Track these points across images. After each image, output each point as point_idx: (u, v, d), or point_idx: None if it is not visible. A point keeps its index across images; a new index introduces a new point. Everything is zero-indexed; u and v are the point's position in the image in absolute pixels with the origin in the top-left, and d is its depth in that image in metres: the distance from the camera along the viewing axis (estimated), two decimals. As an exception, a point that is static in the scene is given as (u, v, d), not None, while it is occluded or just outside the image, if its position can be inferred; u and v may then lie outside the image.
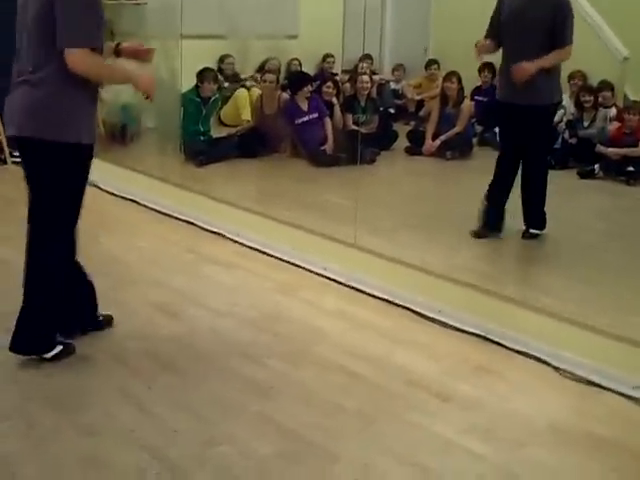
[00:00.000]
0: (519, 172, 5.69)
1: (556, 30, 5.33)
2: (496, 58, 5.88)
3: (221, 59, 9.91)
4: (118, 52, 4.16)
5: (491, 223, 5.78)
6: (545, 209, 5.73)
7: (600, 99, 8.47)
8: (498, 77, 5.93)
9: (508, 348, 4.28)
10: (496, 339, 4.35)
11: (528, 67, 5.29)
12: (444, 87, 8.77)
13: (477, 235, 5.76)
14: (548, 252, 5.65)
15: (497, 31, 5.57)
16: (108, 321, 4.37)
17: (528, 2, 5.41)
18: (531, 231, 5.74)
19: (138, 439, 3.33)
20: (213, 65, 9.52)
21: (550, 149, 5.79)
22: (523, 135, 5.55)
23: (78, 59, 3.60)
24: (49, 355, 3.93)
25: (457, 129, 8.53)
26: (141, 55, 4.18)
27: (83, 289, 4.19)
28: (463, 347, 4.33)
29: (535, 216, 5.74)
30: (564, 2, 5.38)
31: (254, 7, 9.38)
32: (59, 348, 3.96)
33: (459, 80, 8.70)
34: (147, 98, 3.98)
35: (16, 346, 3.90)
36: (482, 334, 4.41)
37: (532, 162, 5.66)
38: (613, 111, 8.48)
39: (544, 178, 5.69)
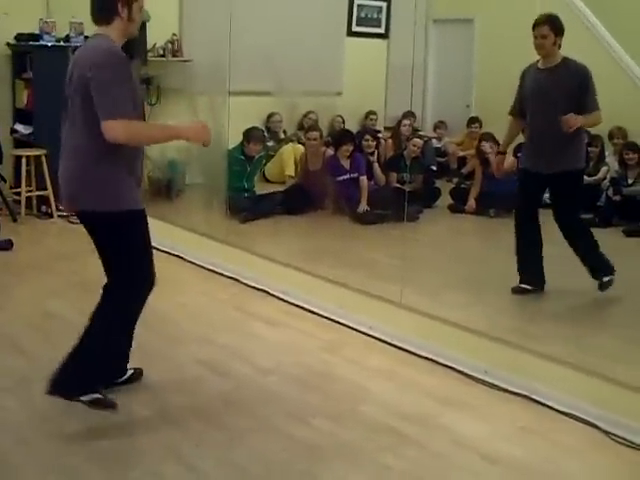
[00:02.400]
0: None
1: (581, 99, 5.46)
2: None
3: (268, 117, 10.07)
4: None
5: (527, 278, 5.81)
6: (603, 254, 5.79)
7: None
8: (523, 148, 6.01)
9: (555, 409, 4.24)
10: (542, 400, 4.32)
11: (575, 120, 5.38)
12: (480, 148, 8.83)
13: (514, 291, 5.81)
14: (595, 312, 5.63)
15: (521, 107, 5.76)
16: (139, 374, 4.41)
17: (549, 75, 5.58)
18: (604, 280, 5.75)
19: (186, 497, 3.36)
20: (260, 123, 9.67)
21: (581, 208, 5.85)
22: (555, 200, 5.74)
23: (118, 130, 3.68)
24: (86, 398, 3.88)
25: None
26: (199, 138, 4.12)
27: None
28: (508, 408, 4.30)
29: (597, 264, 5.77)
30: (584, 71, 5.52)
31: (300, 64, 9.53)
32: (97, 396, 3.92)
33: (494, 140, 8.74)
34: (204, 145, 4.03)
35: (54, 387, 3.85)
36: (527, 394, 4.38)
37: (569, 225, 5.74)
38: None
39: (586, 230, 5.81)
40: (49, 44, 8.09)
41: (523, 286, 5.82)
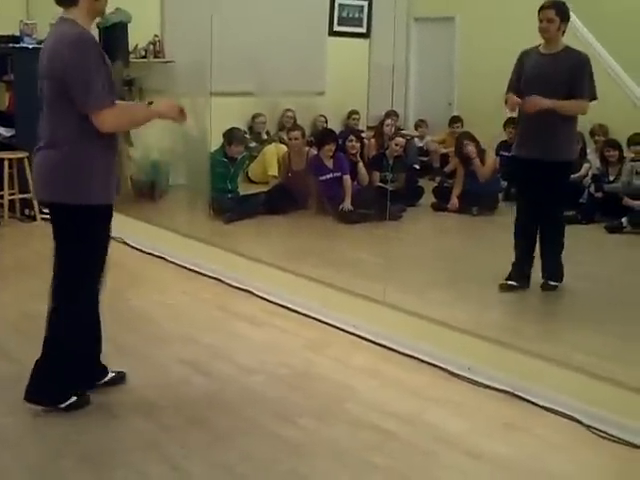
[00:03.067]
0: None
1: (575, 84, 5.45)
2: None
3: (253, 117, 10.07)
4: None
5: (518, 275, 5.84)
6: (563, 262, 5.80)
7: (632, 154, 8.45)
8: (516, 134, 5.97)
9: (538, 405, 4.26)
10: (526, 396, 4.33)
11: (540, 101, 5.38)
12: (460, 148, 8.87)
13: (502, 288, 5.84)
14: (577, 308, 5.64)
15: (516, 88, 5.69)
16: (121, 378, 4.40)
17: (551, 61, 5.55)
18: (550, 283, 5.78)
19: (171, 498, 3.36)
20: (244, 123, 9.66)
21: (565, 203, 5.84)
22: (540, 190, 5.64)
23: (108, 119, 3.73)
24: (63, 405, 3.99)
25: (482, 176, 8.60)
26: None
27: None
28: (492, 404, 4.32)
29: (553, 268, 5.79)
30: (583, 58, 5.52)
31: (283, 64, 9.52)
32: (73, 399, 4.02)
33: (473, 139, 8.79)
34: (178, 120, 4.04)
35: (30, 395, 3.97)
36: (511, 391, 4.39)
37: (548, 216, 5.75)
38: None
39: (561, 232, 5.78)
40: (30, 46, 8.06)
41: (510, 283, 5.84)
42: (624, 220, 7.83)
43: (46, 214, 7.51)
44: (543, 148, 5.54)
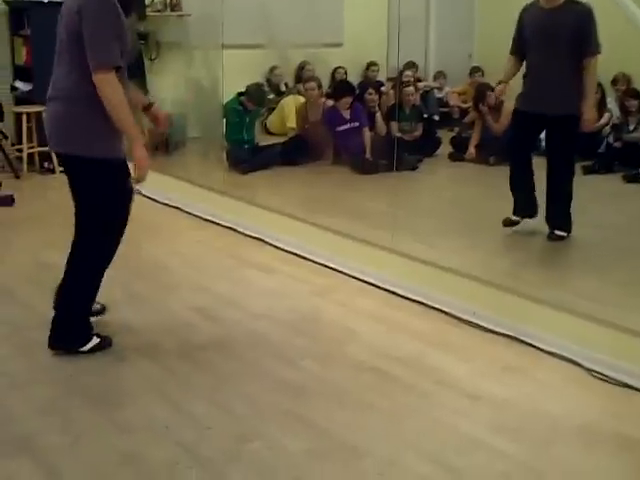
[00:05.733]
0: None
1: (583, 40, 5.38)
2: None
3: (271, 70, 10.05)
4: (146, 109, 4.37)
5: (519, 208, 5.90)
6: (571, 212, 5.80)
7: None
8: (522, 89, 5.88)
9: (539, 349, 4.30)
10: (527, 340, 4.37)
11: (590, 117, 5.47)
12: (477, 99, 8.83)
13: (505, 223, 5.91)
14: (586, 256, 5.64)
15: (520, 46, 5.69)
16: (102, 309, 4.53)
17: (550, 15, 5.49)
18: (557, 233, 5.78)
19: (173, 435, 3.43)
20: (260, 76, 9.65)
21: (572, 156, 5.79)
22: (548, 143, 5.70)
23: (105, 81, 3.77)
24: (86, 348, 4.12)
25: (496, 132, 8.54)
26: (159, 124, 4.41)
27: None
28: (494, 348, 4.36)
29: (561, 218, 5.79)
30: (586, 11, 5.42)
31: (299, 16, 9.47)
32: (96, 341, 4.15)
33: (491, 90, 8.71)
34: (136, 179, 4.00)
35: (55, 342, 4.10)
36: (514, 335, 4.43)
37: (558, 169, 5.73)
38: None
39: (570, 183, 5.75)
40: (45, 0, 8.11)
41: (513, 218, 5.89)
42: (642, 170, 7.79)
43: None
44: (550, 102, 5.52)
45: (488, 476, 3.20)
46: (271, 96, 9.70)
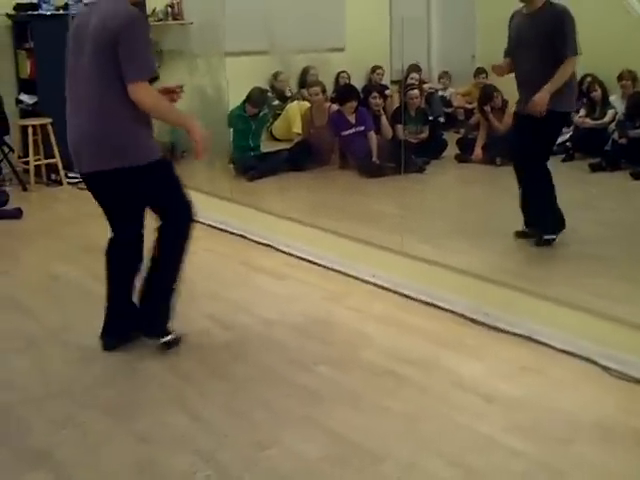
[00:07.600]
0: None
1: (557, 43, 5.29)
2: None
3: (274, 76, 10.06)
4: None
5: (529, 222, 5.83)
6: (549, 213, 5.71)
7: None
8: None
9: (553, 347, 4.29)
10: (541, 339, 4.36)
11: (541, 99, 5.31)
12: (482, 100, 8.82)
13: (517, 235, 5.85)
14: (597, 254, 5.60)
15: (509, 51, 5.68)
16: None
17: (528, 20, 5.44)
18: (544, 238, 5.68)
19: (190, 444, 3.44)
20: (264, 82, 9.64)
21: (546, 155, 5.69)
22: (523, 141, 5.59)
23: (144, 94, 3.84)
24: (164, 340, 4.31)
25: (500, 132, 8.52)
26: (174, 95, 4.38)
27: None
28: (508, 348, 4.35)
29: (540, 221, 5.71)
30: (560, 14, 5.33)
31: (300, 21, 9.47)
32: (172, 336, 4.33)
33: (497, 91, 8.70)
34: (196, 154, 4.15)
35: (149, 332, 4.34)
36: (527, 335, 4.43)
37: (531, 167, 5.62)
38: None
39: (543, 184, 5.62)
40: (48, 13, 8.14)
41: (524, 230, 5.84)
42: (650, 167, 7.77)
43: (72, 179, 7.64)
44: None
45: (508, 476, 3.20)
46: (276, 102, 9.71)
